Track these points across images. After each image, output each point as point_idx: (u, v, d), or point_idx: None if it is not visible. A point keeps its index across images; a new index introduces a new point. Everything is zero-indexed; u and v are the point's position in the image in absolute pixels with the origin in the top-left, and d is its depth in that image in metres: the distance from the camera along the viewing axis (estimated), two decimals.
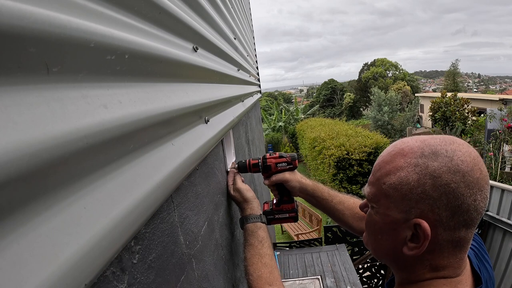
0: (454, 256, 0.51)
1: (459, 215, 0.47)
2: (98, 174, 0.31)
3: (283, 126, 16.58)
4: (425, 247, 0.49)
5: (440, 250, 0.50)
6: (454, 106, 10.59)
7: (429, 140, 0.51)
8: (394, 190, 0.50)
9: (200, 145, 0.65)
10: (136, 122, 0.37)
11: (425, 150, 0.49)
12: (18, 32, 0.21)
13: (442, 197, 0.47)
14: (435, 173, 0.47)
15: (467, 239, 0.50)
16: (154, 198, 0.40)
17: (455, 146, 0.48)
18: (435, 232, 0.48)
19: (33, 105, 0.23)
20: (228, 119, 1.04)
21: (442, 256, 0.51)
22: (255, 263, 0.83)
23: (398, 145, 0.54)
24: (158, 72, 0.50)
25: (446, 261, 0.51)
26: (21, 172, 0.20)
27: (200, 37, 0.80)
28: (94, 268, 0.27)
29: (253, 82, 2.59)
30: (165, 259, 0.47)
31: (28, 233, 0.22)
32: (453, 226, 0.48)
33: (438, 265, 0.52)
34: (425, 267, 0.52)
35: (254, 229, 0.91)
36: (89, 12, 0.32)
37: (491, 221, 3.54)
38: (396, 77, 29.68)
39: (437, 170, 0.47)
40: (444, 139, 0.50)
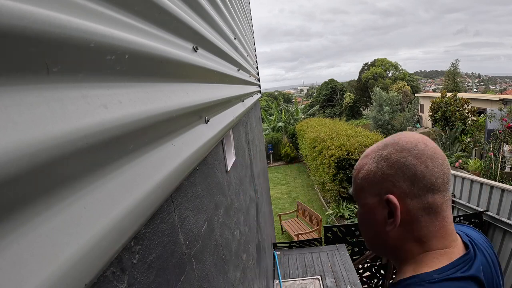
0: (432, 224, 0.57)
1: (418, 182, 0.55)
2: (98, 174, 0.31)
3: (283, 126, 16.58)
4: (398, 218, 0.56)
5: (416, 219, 0.56)
6: (454, 106, 10.59)
7: (382, 140, 0.63)
8: (364, 181, 0.61)
9: (200, 145, 0.65)
10: (136, 122, 0.37)
11: (379, 145, 0.62)
12: (18, 32, 0.21)
13: (398, 172, 0.56)
14: (387, 156, 0.58)
15: (437, 204, 0.56)
16: (154, 198, 0.40)
17: (401, 135, 0.60)
18: (404, 203, 0.56)
19: (33, 105, 0.23)
20: (228, 119, 1.04)
21: (421, 225, 0.57)
22: None
23: (364, 152, 0.66)
24: (158, 72, 0.50)
25: (426, 230, 0.57)
26: (21, 172, 0.20)
27: (200, 37, 0.80)
28: (94, 268, 0.27)
29: (253, 82, 2.59)
30: (165, 259, 0.47)
31: (28, 233, 0.22)
32: (417, 193, 0.55)
33: (421, 236, 0.57)
34: (409, 241, 0.58)
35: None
36: (89, 12, 0.32)
37: (491, 221, 3.54)
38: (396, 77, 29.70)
39: (388, 154, 0.58)
40: (393, 136, 0.62)
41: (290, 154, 14.24)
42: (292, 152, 14.24)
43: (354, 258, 3.57)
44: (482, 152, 7.94)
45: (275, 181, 11.36)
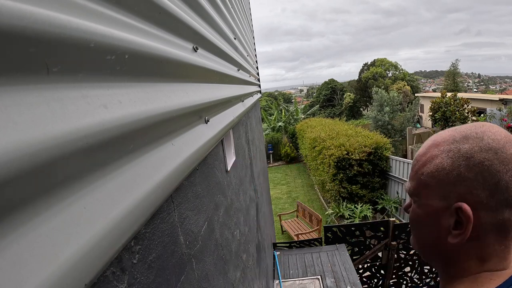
0: (499, 243, 0.50)
1: (498, 194, 0.46)
2: (98, 174, 0.31)
3: (283, 126, 16.58)
4: (469, 232, 0.48)
5: (484, 236, 0.49)
6: (454, 106, 10.59)
7: (460, 127, 0.53)
8: (431, 178, 0.51)
9: (200, 145, 0.65)
10: (136, 122, 0.37)
11: (456, 136, 0.51)
12: (18, 32, 0.21)
13: (478, 177, 0.47)
14: (468, 154, 0.48)
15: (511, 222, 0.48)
16: (154, 198, 0.40)
17: (484, 128, 0.50)
18: (477, 215, 0.47)
19: (33, 105, 0.23)
20: (228, 119, 1.04)
21: (488, 243, 0.50)
22: None
23: (432, 138, 0.56)
24: (158, 72, 0.50)
25: (492, 249, 0.50)
26: (21, 172, 0.20)
27: (200, 37, 0.80)
28: (94, 268, 0.27)
29: (253, 82, 2.59)
30: (165, 259, 0.47)
31: (28, 233, 0.22)
32: (495, 206, 0.47)
33: (484, 255, 0.51)
34: (471, 258, 0.51)
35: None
36: (89, 12, 0.32)
37: None
38: (396, 77, 29.70)
39: (469, 151, 0.48)
40: (474, 125, 0.52)
41: (290, 154, 14.24)
42: (292, 152, 14.24)
43: (354, 258, 3.57)
44: None
45: (275, 181, 11.36)
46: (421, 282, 3.60)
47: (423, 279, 3.60)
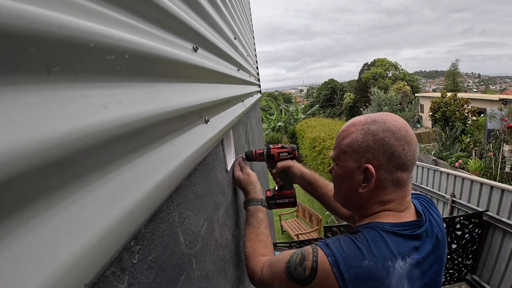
0: (396, 193, 0.71)
1: (393, 160, 0.68)
2: (98, 174, 0.31)
3: (283, 126, 16.57)
4: (372, 184, 0.69)
5: (384, 188, 0.70)
6: (454, 106, 10.58)
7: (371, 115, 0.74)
8: (348, 147, 0.72)
9: (200, 145, 0.65)
10: (136, 122, 0.37)
11: (368, 120, 0.72)
12: (18, 32, 0.21)
13: (380, 148, 0.68)
14: (374, 132, 0.69)
15: (404, 180, 0.70)
16: (154, 198, 0.40)
17: (388, 117, 0.71)
18: (378, 174, 0.68)
19: (33, 105, 0.23)
20: (228, 119, 1.04)
21: (386, 193, 0.71)
22: (252, 239, 0.95)
23: (351, 120, 0.76)
24: (158, 72, 0.50)
25: (390, 196, 0.71)
26: (21, 172, 0.20)
27: (200, 37, 0.80)
28: (94, 268, 0.27)
29: (253, 82, 2.59)
30: (165, 259, 0.47)
31: (28, 233, 0.22)
32: (391, 168, 0.68)
33: (384, 200, 0.71)
34: (375, 203, 0.72)
35: (254, 211, 1.03)
36: (89, 12, 0.32)
37: (491, 221, 3.54)
38: (396, 77, 29.68)
39: (375, 130, 0.69)
40: (381, 113, 0.73)
41: None
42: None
43: None
44: (482, 152, 7.94)
45: None
46: None
47: None
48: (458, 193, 4.29)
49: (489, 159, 6.97)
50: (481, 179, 3.88)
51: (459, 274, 3.77)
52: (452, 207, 4.36)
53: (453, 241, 3.54)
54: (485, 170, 6.89)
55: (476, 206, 3.86)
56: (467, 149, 8.89)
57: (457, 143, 9.40)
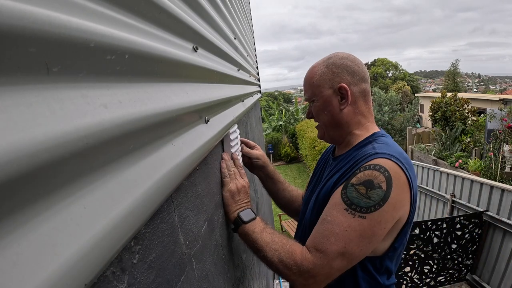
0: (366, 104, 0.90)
1: (355, 75, 0.87)
2: (98, 174, 0.31)
3: (283, 125, 16.56)
4: (349, 97, 0.86)
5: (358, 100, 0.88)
6: (454, 106, 10.58)
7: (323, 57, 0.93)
8: (319, 81, 0.89)
9: (200, 145, 0.65)
10: (136, 122, 0.37)
11: (324, 59, 0.91)
12: (18, 32, 0.21)
13: (343, 70, 0.87)
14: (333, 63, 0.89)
15: (367, 90, 0.90)
16: (154, 198, 0.40)
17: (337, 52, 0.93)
18: (350, 89, 0.86)
19: (33, 105, 0.23)
20: (228, 119, 1.04)
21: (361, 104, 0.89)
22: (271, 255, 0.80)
23: (310, 67, 0.93)
24: (158, 72, 0.50)
25: (364, 108, 0.90)
26: (21, 172, 0.20)
27: (200, 37, 0.80)
28: (94, 268, 0.27)
29: (253, 82, 2.59)
30: (165, 259, 0.47)
31: (28, 233, 0.22)
32: (356, 82, 0.87)
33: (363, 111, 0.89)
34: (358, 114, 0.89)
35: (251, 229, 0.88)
36: (89, 12, 0.32)
37: (491, 221, 3.54)
38: (396, 77, 29.66)
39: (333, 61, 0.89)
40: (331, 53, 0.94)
41: (290, 154, 14.23)
42: (292, 152, 14.23)
43: None
44: (482, 152, 7.93)
45: None
46: (421, 282, 3.60)
47: (423, 279, 3.60)
48: (458, 193, 4.29)
49: (489, 159, 6.97)
50: (481, 179, 3.88)
51: (459, 274, 3.77)
52: (452, 207, 4.36)
53: (453, 241, 3.54)
54: (485, 170, 6.89)
55: (476, 206, 3.86)
56: (467, 149, 8.88)
57: (457, 143, 9.40)
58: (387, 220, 0.72)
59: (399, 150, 0.79)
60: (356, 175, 0.75)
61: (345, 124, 0.89)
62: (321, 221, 0.77)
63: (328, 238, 0.72)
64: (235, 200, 0.92)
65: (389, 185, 0.70)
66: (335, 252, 0.71)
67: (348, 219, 0.71)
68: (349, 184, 0.74)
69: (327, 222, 0.74)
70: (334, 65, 0.87)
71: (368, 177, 0.71)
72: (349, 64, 0.87)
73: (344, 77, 0.86)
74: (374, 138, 0.85)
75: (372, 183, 0.70)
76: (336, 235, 0.71)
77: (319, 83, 0.88)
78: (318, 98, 0.89)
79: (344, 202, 0.73)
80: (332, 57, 0.90)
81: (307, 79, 0.93)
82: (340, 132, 0.91)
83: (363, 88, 0.88)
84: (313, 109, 0.93)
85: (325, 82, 0.87)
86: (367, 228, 0.70)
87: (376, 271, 0.81)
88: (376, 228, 0.70)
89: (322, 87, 0.88)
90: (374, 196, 0.70)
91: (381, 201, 0.69)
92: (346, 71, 0.86)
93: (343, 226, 0.71)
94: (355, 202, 0.71)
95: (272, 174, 1.21)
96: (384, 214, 0.70)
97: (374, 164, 0.73)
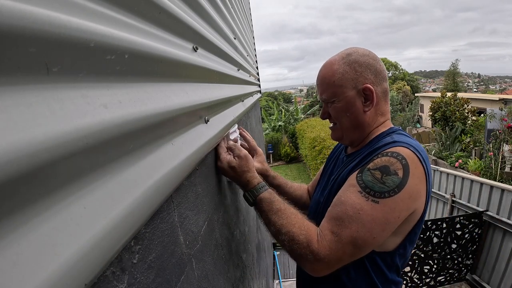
0: (386, 103, 0.87)
1: (378, 74, 0.82)
2: (98, 174, 0.31)
3: (283, 126, 16.56)
4: (375, 100, 0.82)
5: (380, 100, 0.84)
6: (454, 106, 10.58)
7: (339, 53, 0.86)
8: (341, 80, 0.82)
9: (200, 145, 0.65)
10: (136, 122, 0.37)
11: (343, 55, 0.84)
12: (18, 32, 0.21)
13: (366, 69, 0.81)
14: (355, 60, 0.82)
15: (387, 89, 0.86)
16: (154, 198, 0.40)
17: (355, 48, 0.86)
18: (374, 89, 0.81)
19: (33, 105, 0.23)
20: (228, 119, 1.04)
21: (382, 104, 0.85)
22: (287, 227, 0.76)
23: (325, 63, 0.87)
24: (158, 72, 0.50)
25: (384, 107, 0.86)
26: (21, 172, 0.20)
27: (200, 37, 0.80)
28: (94, 268, 0.27)
29: (253, 82, 2.59)
30: (165, 259, 0.47)
31: (28, 233, 0.22)
32: (379, 81, 0.83)
33: (383, 111, 0.87)
34: (378, 115, 0.86)
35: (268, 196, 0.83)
36: (89, 12, 0.32)
37: (491, 221, 3.54)
38: (396, 77, 29.68)
39: (355, 58, 0.82)
40: (347, 48, 0.87)
41: (290, 154, 14.22)
42: (292, 152, 14.22)
43: None
44: (482, 152, 7.93)
45: None
46: (421, 282, 3.60)
47: (423, 279, 3.60)
48: (458, 193, 4.30)
49: (489, 159, 6.97)
50: (481, 179, 3.88)
51: (459, 274, 3.77)
52: (452, 207, 4.36)
53: (453, 241, 3.54)
54: (485, 170, 6.90)
55: (476, 206, 3.86)
56: (467, 149, 8.89)
57: (457, 143, 9.40)
58: (402, 209, 0.70)
59: (417, 143, 0.78)
60: (373, 160, 0.74)
61: (367, 126, 0.85)
62: (335, 202, 0.76)
63: (342, 220, 0.70)
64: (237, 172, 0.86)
65: (406, 173, 0.69)
66: (348, 236, 0.69)
67: (361, 201, 0.70)
68: (365, 168, 0.74)
69: (341, 203, 0.73)
70: (357, 63, 0.81)
71: (385, 163, 0.71)
72: (371, 62, 0.81)
73: (368, 77, 0.81)
74: (392, 131, 0.84)
75: (388, 169, 0.70)
76: (349, 217, 0.70)
77: (341, 82, 0.81)
78: (340, 99, 0.83)
79: (359, 185, 0.72)
80: (352, 54, 0.82)
81: (325, 77, 0.84)
82: (361, 134, 0.87)
83: (385, 87, 0.84)
84: (332, 110, 0.86)
85: (348, 82, 0.81)
86: (380, 213, 0.69)
87: (387, 268, 0.81)
88: (390, 215, 0.69)
89: (345, 87, 0.81)
90: (389, 181, 0.69)
91: (396, 188, 0.69)
92: (369, 70, 0.81)
93: (356, 208, 0.70)
94: (369, 185, 0.70)
95: (272, 181, 1.17)
96: (399, 202, 0.69)
97: (392, 151, 0.72)
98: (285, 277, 3.14)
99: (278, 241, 0.79)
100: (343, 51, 0.85)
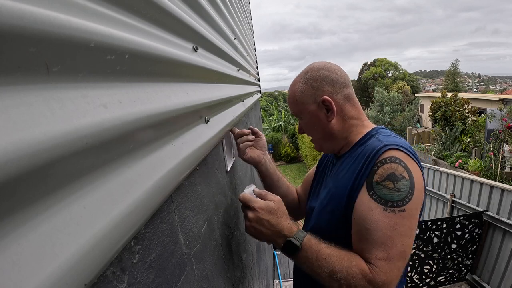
0: (353, 108, 0.89)
1: (334, 84, 0.87)
2: (98, 174, 0.31)
3: (283, 126, 16.56)
4: (335, 109, 0.86)
5: (344, 106, 0.88)
6: (454, 106, 10.58)
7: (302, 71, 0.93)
8: (302, 97, 0.89)
9: (200, 145, 0.65)
10: (136, 122, 0.37)
11: (301, 75, 0.91)
12: (18, 32, 0.21)
13: (322, 82, 0.87)
14: (311, 77, 0.88)
15: (351, 94, 0.90)
16: (154, 198, 0.40)
17: (313, 64, 0.92)
18: (333, 98, 0.86)
19: (33, 105, 0.23)
20: (228, 119, 1.04)
21: (348, 109, 0.88)
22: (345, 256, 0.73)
23: (290, 85, 0.94)
24: (158, 72, 0.50)
25: (354, 111, 0.89)
26: (21, 172, 0.20)
27: (200, 37, 0.80)
28: (94, 268, 0.27)
29: (253, 82, 2.59)
30: (165, 259, 0.47)
31: (28, 233, 0.22)
32: (338, 90, 0.87)
33: (353, 115, 0.89)
34: (348, 119, 0.88)
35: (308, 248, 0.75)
36: (89, 12, 0.32)
37: (491, 221, 3.54)
38: (396, 77, 29.68)
39: (311, 75, 0.89)
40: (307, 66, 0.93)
41: (290, 154, 14.23)
42: (292, 152, 14.23)
43: None
44: (482, 152, 7.93)
45: None
46: (421, 282, 3.60)
47: (423, 279, 3.60)
48: (458, 193, 4.30)
49: (489, 159, 6.97)
50: (481, 179, 3.88)
51: (459, 274, 3.77)
52: (452, 207, 4.36)
53: (453, 241, 3.54)
54: (485, 170, 6.90)
55: (476, 206, 3.86)
56: (467, 149, 8.89)
57: (457, 143, 9.40)
58: (419, 204, 0.75)
59: (403, 140, 0.81)
60: (376, 172, 0.74)
61: (338, 133, 0.88)
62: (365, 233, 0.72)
63: (385, 244, 0.70)
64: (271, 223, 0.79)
65: (410, 174, 0.72)
66: (397, 253, 0.70)
67: (391, 217, 0.70)
68: (373, 183, 0.73)
69: (374, 230, 0.70)
70: (312, 79, 0.87)
71: (389, 171, 0.72)
72: (326, 74, 0.87)
73: (325, 89, 0.86)
74: (375, 131, 0.86)
75: (395, 176, 0.72)
76: (390, 237, 0.70)
77: (302, 100, 0.88)
78: (304, 115, 0.90)
79: (379, 203, 0.71)
80: (308, 71, 0.89)
81: (290, 97, 0.93)
82: (336, 142, 0.90)
83: (346, 93, 0.87)
84: (303, 125, 0.94)
85: (307, 98, 0.87)
86: (410, 218, 0.72)
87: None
88: (415, 213, 0.73)
89: (306, 103, 0.88)
90: (402, 187, 0.71)
91: (411, 190, 0.71)
92: (325, 82, 0.86)
93: (390, 226, 0.70)
94: (389, 198, 0.71)
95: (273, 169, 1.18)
96: (417, 200, 0.73)
97: (388, 157, 0.74)
98: (285, 277, 3.14)
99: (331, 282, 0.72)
100: (303, 70, 0.92)
